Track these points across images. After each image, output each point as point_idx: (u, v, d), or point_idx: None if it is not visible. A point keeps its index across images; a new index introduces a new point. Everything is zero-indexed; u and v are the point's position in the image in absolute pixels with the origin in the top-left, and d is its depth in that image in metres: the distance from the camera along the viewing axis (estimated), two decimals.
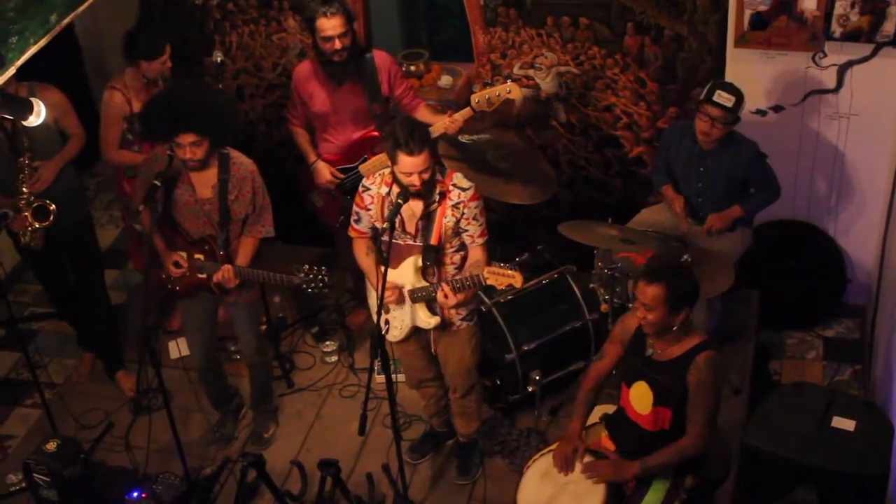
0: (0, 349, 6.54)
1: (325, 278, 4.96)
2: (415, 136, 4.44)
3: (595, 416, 4.74)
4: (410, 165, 4.48)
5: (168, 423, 4.95)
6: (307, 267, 4.96)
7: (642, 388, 4.41)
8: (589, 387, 4.61)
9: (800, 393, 4.88)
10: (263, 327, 6.10)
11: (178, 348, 6.24)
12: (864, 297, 6.11)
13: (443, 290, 4.63)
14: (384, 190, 4.69)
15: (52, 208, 5.37)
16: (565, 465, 4.47)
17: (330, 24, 5.27)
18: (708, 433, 4.29)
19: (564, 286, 5.65)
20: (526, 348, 5.48)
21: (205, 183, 5.00)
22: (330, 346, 6.17)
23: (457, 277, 4.69)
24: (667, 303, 4.20)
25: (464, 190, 4.66)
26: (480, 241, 4.74)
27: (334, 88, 5.50)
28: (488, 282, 4.54)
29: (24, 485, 5.34)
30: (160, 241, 5.12)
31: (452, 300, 4.64)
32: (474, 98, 5.39)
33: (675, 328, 4.28)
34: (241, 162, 5.05)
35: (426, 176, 4.53)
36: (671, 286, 4.20)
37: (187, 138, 4.79)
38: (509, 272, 4.46)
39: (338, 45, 5.32)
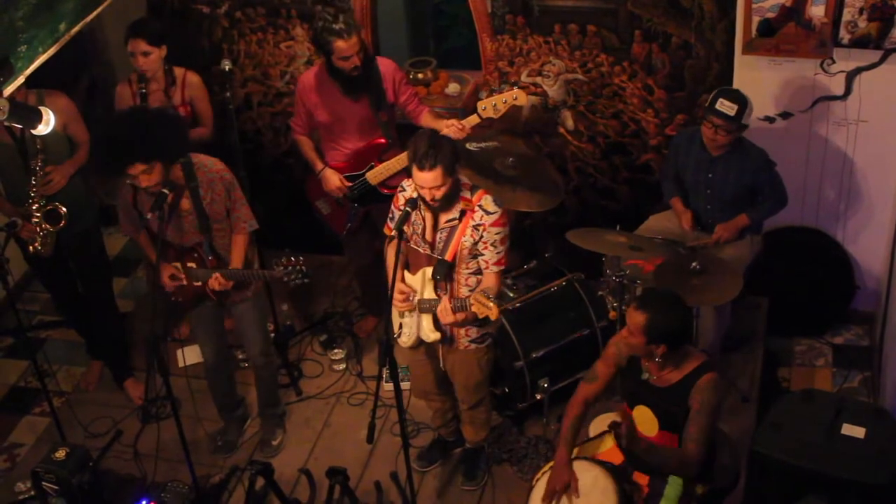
0: (9, 357, 6.56)
1: (303, 268, 4.94)
2: (430, 153, 4.43)
3: (603, 424, 4.73)
4: (421, 180, 4.49)
5: (176, 431, 4.95)
6: (284, 259, 4.95)
7: (646, 412, 4.41)
8: (576, 412, 4.56)
9: (809, 400, 4.86)
10: (271, 335, 6.10)
11: (186, 356, 6.24)
12: (873, 304, 6.10)
13: (444, 303, 4.63)
14: (416, 194, 4.70)
15: (63, 212, 5.39)
16: (556, 499, 4.41)
17: (348, 45, 5.28)
18: (704, 451, 4.29)
19: (572, 293, 5.65)
20: (534, 356, 5.47)
21: (185, 193, 5.01)
22: (338, 353, 6.17)
23: (455, 297, 4.69)
24: (645, 333, 4.21)
25: (488, 213, 4.64)
26: (495, 269, 4.70)
27: (341, 98, 5.51)
28: (472, 308, 4.54)
29: (32, 493, 5.34)
30: (153, 255, 5.13)
31: (449, 317, 4.64)
32: (481, 105, 5.39)
33: (657, 359, 4.27)
34: (206, 164, 5.03)
35: (438, 193, 4.52)
36: (652, 319, 4.19)
37: (137, 168, 4.74)
38: (489, 303, 4.47)
39: (357, 61, 5.34)
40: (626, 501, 4.36)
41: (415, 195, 4.67)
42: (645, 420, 4.41)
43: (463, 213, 4.64)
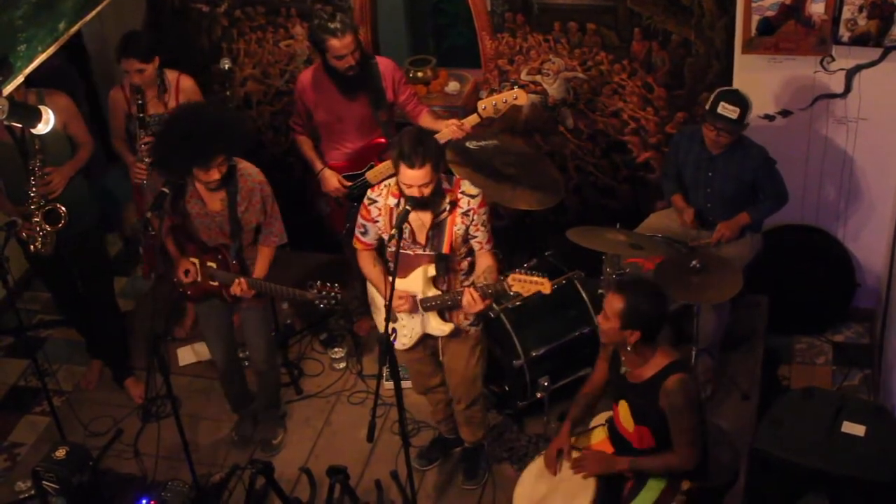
0: (9, 357, 6.56)
1: (338, 296, 4.97)
2: (418, 150, 4.42)
3: (602, 418, 4.74)
4: (410, 178, 4.47)
5: (177, 429, 4.95)
6: (320, 283, 4.97)
7: (624, 407, 4.43)
8: (585, 392, 4.66)
9: (809, 398, 4.86)
10: (272, 334, 6.10)
11: (186, 355, 6.24)
12: (873, 302, 6.10)
13: (470, 295, 4.61)
14: (392, 201, 4.67)
15: (62, 212, 5.39)
16: (551, 465, 4.53)
17: (342, 44, 5.28)
18: (696, 451, 4.30)
19: (572, 292, 5.64)
20: (534, 354, 5.47)
21: (214, 196, 5.01)
22: (338, 352, 6.16)
23: (481, 284, 4.67)
24: (620, 317, 4.20)
25: (472, 197, 4.65)
26: (488, 247, 4.74)
27: (339, 97, 5.50)
28: (513, 289, 4.53)
29: (33, 492, 5.34)
30: (173, 248, 5.13)
31: (480, 305, 4.63)
32: (481, 105, 5.39)
33: (629, 347, 4.27)
34: (249, 172, 5.05)
35: (427, 190, 4.51)
36: (629, 303, 4.19)
37: (218, 160, 4.80)
38: (536, 279, 4.45)
39: (351, 61, 5.34)
40: (606, 488, 4.40)
41: (391, 202, 4.66)
42: (624, 415, 4.43)
43: (453, 204, 4.64)
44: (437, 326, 4.84)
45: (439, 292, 4.76)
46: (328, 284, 4.96)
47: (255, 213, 5.07)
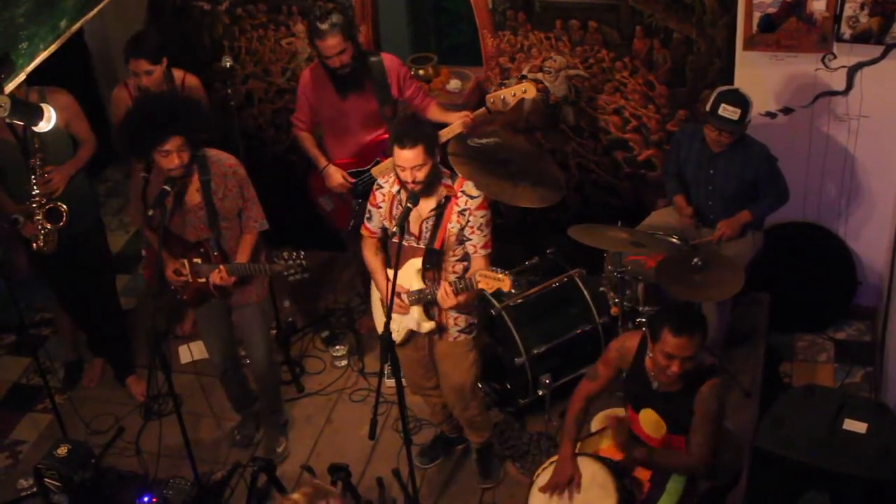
0: (11, 355, 6.56)
1: (303, 263, 4.94)
2: (411, 132, 4.45)
3: (605, 420, 4.73)
4: (403, 159, 4.48)
5: (179, 427, 4.95)
6: (286, 253, 4.95)
7: (652, 415, 4.41)
8: (579, 407, 4.59)
9: (811, 395, 4.87)
10: (273, 332, 6.10)
11: (188, 353, 6.24)
12: (875, 300, 6.10)
13: (443, 288, 4.61)
14: (395, 189, 4.69)
15: (64, 210, 5.39)
16: (561, 491, 4.44)
17: (327, 45, 5.29)
18: (711, 455, 4.30)
19: (574, 290, 5.65)
20: (536, 352, 5.47)
21: (191, 188, 4.99)
22: (340, 350, 6.17)
23: (452, 279, 4.68)
24: (698, 353, 4.20)
25: (472, 198, 4.65)
26: (483, 252, 4.71)
27: (340, 95, 5.51)
28: (479, 285, 4.53)
29: (34, 490, 5.35)
30: (166, 253, 5.11)
31: (452, 300, 4.62)
32: (489, 98, 5.40)
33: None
34: (220, 158, 5.02)
35: (419, 174, 4.51)
36: (701, 337, 4.19)
37: (175, 142, 4.76)
38: (498, 275, 4.46)
39: (337, 62, 5.34)
40: (626, 496, 4.36)
41: (395, 189, 4.67)
42: (651, 423, 4.41)
43: (447, 199, 4.64)
44: (421, 323, 4.83)
45: (424, 286, 4.75)
46: (294, 253, 4.93)
47: (234, 199, 5.03)
